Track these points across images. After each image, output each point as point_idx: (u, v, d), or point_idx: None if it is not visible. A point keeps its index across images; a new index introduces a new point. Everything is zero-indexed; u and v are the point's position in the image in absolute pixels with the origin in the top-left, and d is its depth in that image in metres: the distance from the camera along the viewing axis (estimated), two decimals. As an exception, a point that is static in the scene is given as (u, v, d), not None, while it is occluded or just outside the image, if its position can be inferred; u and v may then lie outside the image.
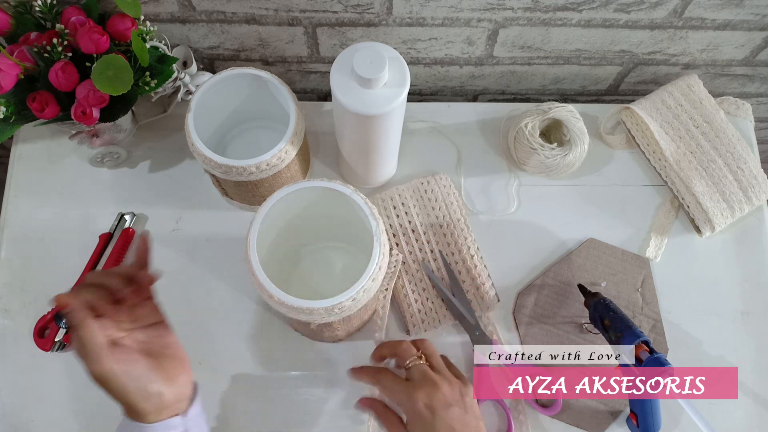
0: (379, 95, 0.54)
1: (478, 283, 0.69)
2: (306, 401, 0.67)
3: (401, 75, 0.55)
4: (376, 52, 0.53)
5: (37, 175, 0.75)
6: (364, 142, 0.62)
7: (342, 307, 0.51)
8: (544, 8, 0.68)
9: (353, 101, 0.54)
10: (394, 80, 0.55)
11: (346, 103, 0.54)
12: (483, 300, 0.69)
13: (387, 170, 0.73)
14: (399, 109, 0.57)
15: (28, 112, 0.59)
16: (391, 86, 0.55)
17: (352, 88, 0.54)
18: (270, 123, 0.74)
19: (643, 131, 0.77)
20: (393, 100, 0.55)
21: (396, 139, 0.65)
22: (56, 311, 0.68)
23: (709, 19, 0.71)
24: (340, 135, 0.65)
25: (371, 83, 0.53)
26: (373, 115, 0.55)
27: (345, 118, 0.58)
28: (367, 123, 0.57)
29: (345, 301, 0.51)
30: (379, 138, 0.61)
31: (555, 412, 0.66)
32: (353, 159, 0.68)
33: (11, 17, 0.61)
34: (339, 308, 0.51)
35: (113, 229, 0.72)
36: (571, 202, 0.76)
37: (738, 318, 0.72)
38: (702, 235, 0.74)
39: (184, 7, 0.68)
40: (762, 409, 0.68)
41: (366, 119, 0.56)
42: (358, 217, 0.56)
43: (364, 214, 0.54)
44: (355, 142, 0.64)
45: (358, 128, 0.59)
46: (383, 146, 0.64)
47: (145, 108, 0.73)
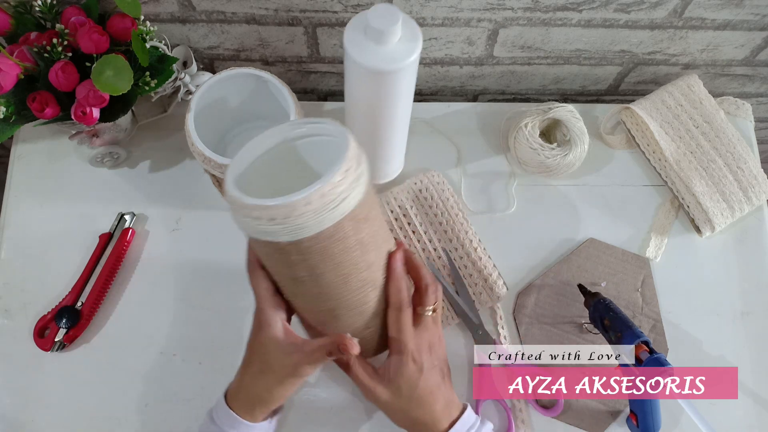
0: (393, 51, 0.54)
1: (485, 275, 0.70)
2: (306, 401, 0.67)
3: (413, 33, 0.55)
4: (389, 8, 0.53)
5: (37, 175, 0.75)
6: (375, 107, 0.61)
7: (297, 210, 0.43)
8: (544, 8, 0.68)
9: (366, 56, 0.54)
10: (407, 37, 0.54)
11: (359, 58, 0.54)
12: (492, 291, 0.69)
13: (394, 164, 0.72)
14: (411, 68, 0.56)
15: (28, 112, 0.59)
16: (404, 42, 0.54)
17: (366, 44, 0.54)
18: (270, 123, 0.73)
19: (643, 131, 0.77)
20: (406, 56, 0.54)
21: (405, 114, 0.64)
22: (57, 311, 0.68)
23: (709, 19, 0.71)
24: (350, 103, 0.63)
25: (385, 37, 0.53)
26: (387, 71, 0.54)
27: (357, 77, 0.57)
28: (379, 81, 0.56)
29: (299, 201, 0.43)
30: (389, 101, 0.60)
31: (556, 413, 0.66)
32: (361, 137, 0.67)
33: (11, 17, 0.61)
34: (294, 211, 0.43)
35: (113, 229, 0.72)
36: (571, 202, 0.76)
37: (738, 318, 0.72)
38: (702, 235, 0.74)
39: (184, 7, 0.68)
40: (762, 409, 0.68)
41: (379, 76, 0.55)
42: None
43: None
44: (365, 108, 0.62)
45: (369, 88, 0.58)
46: (393, 114, 0.62)
47: (145, 108, 0.73)
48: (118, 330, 0.69)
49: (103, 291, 0.69)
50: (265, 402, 0.52)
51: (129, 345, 0.69)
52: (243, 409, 0.52)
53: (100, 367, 0.68)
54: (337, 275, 0.48)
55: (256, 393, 0.52)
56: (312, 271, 0.47)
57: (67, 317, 0.67)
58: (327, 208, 0.44)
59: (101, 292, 0.69)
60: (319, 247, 0.46)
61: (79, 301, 0.68)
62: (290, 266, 0.48)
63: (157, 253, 0.72)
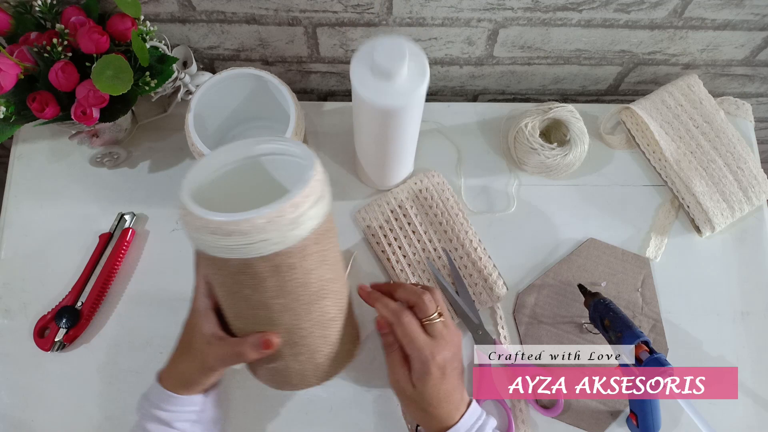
0: (399, 88, 0.54)
1: (485, 275, 0.70)
2: (307, 401, 0.67)
3: (421, 68, 0.55)
4: (396, 45, 0.53)
5: (37, 175, 0.75)
6: (381, 138, 0.62)
7: (250, 227, 0.43)
8: (544, 8, 0.68)
9: (373, 93, 0.54)
10: (414, 73, 0.54)
11: (366, 95, 0.54)
12: (492, 291, 0.69)
13: (403, 172, 0.73)
14: (418, 103, 0.56)
15: (28, 112, 0.59)
16: (411, 79, 0.54)
17: (372, 80, 0.54)
18: (270, 123, 0.74)
19: (643, 131, 0.77)
20: (412, 92, 0.54)
21: (413, 137, 0.65)
22: (57, 311, 0.68)
23: (709, 19, 0.71)
24: (358, 131, 0.64)
25: (391, 75, 0.53)
26: (392, 108, 0.55)
27: (364, 112, 0.58)
28: (385, 116, 0.56)
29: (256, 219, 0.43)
30: (396, 134, 0.60)
31: (556, 413, 0.66)
32: (370, 158, 0.68)
33: (11, 17, 0.61)
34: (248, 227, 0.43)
35: (113, 229, 0.72)
36: (571, 202, 0.76)
37: (738, 318, 0.72)
38: (702, 235, 0.74)
39: (184, 7, 0.68)
40: (762, 409, 0.68)
41: (385, 112, 0.55)
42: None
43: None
44: (372, 138, 0.63)
45: (376, 122, 0.59)
46: (400, 143, 0.63)
47: (145, 108, 0.73)
48: (118, 330, 0.69)
49: (103, 291, 0.69)
50: (190, 382, 0.53)
51: (129, 345, 0.69)
52: (173, 386, 0.53)
53: (100, 367, 0.68)
54: (262, 299, 0.49)
55: (181, 372, 0.54)
56: (236, 288, 0.49)
57: (67, 317, 0.67)
58: (266, 234, 0.44)
59: (101, 292, 0.69)
60: (244, 270, 0.47)
61: (79, 301, 0.68)
62: (224, 279, 0.49)
63: (157, 253, 0.72)
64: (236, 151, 0.54)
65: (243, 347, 0.50)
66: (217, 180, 0.54)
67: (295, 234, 0.46)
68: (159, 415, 0.52)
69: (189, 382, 0.53)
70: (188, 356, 0.53)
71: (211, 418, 0.56)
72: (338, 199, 0.74)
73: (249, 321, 0.51)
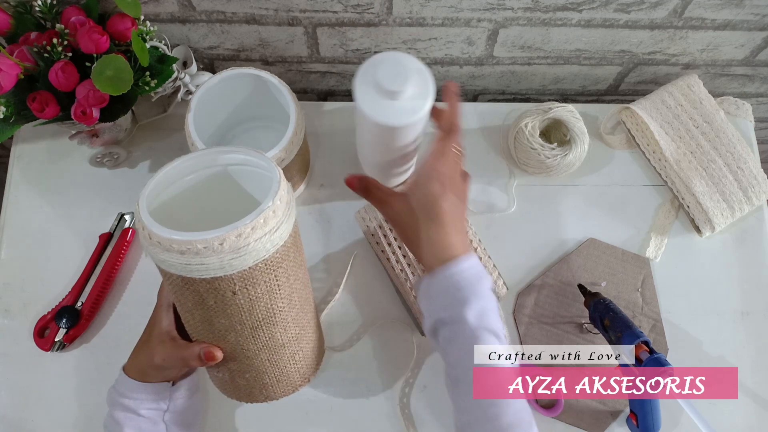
0: (403, 106, 0.54)
1: None
2: (307, 401, 0.67)
3: (425, 86, 0.54)
4: (400, 64, 0.52)
5: (37, 175, 0.75)
6: (385, 152, 0.62)
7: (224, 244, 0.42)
8: (544, 8, 0.68)
9: (376, 111, 0.53)
10: (419, 91, 0.54)
11: (369, 113, 0.53)
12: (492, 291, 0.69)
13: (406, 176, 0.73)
14: (422, 120, 0.56)
15: (28, 112, 0.59)
16: (415, 97, 0.54)
17: (376, 98, 0.53)
18: (270, 123, 0.74)
19: (643, 131, 0.77)
20: (416, 111, 0.54)
21: (416, 149, 0.65)
22: (57, 311, 0.68)
23: (709, 19, 0.71)
24: (361, 143, 0.65)
25: (395, 95, 0.53)
26: (396, 126, 0.55)
27: (367, 127, 0.58)
28: (389, 133, 0.56)
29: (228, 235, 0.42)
30: (400, 148, 0.61)
31: (556, 413, 0.66)
32: (372, 166, 0.68)
33: (11, 17, 0.61)
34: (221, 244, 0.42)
35: (113, 229, 0.72)
36: (571, 202, 0.76)
37: (738, 318, 0.72)
38: (702, 235, 0.74)
39: (184, 7, 0.68)
40: (762, 409, 0.68)
41: (388, 130, 0.55)
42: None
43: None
44: (376, 151, 0.64)
45: (380, 138, 0.59)
46: (404, 156, 0.63)
47: (145, 108, 0.73)
48: (118, 330, 0.69)
49: (103, 291, 0.69)
50: (145, 374, 0.54)
51: (129, 345, 0.68)
52: (135, 374, 0.54)
53: (100, 367, 0.68)
54: (218, 318, 0.48)
55: (139, 362, 0.55)
56: (182, 300, 0.49)
57: (67, 317, 0.67)
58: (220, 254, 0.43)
59: (101, 292, 0.69)
60: (187, 285, 0.46)
61: (79, 301, 0.68)
62: (171, 287, 0.49)
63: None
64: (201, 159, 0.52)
65: (187, 354, 0.51)
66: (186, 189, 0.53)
67: (238, 263, 0.44)
68: (124, 403, 0.53)
69: (144, 374, 0.54)
70: (145, 348, 0.55)
71: (189, 408, 0.56)
72: (338, 200, 0.74)
73: (198, 330, 0.51)
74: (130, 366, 0.55)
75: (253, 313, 0.48)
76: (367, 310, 0.71)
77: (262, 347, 0.51)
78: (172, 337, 0.53)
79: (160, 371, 0.54)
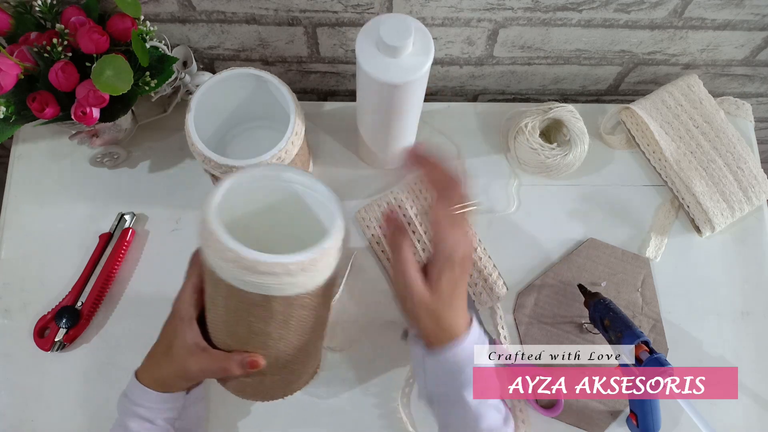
0: (404, 64, 0.54)
1: (485, 275, 0.70)
2: (307, 401, 0.67)
3: (425, 45, 0.55)
4: (401, 22, 0.53)
5: (37, 175, 0.75)
6: (385, 113, 0.62)
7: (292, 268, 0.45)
8: (544, 8, 0.68)
9: (378, 70, 0.54)
10: (419, 50, 0.55)
11: (371, 71, 0.54)
12: (492, 291, 0.69)
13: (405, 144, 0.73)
14: (422, 79, 0.57)
15: (28, 112, 0.59)
16: (416, 55, 0.55)
17: (377, 56, 0.54)
18: (270, 123, 0.74)
19: (643, 131, 0.77)
20: (417, 69, 0.55)
21: (416, 113, 0.65)
22: (57, 311, 0.68)
23: (709, 19, 0.71)
24: (362, 107, 0.65)
25: (397, 51, 0.53)
26: (398, 84, 0.55)
27: (368, 87, 0.58)
28: (390, 92, 0.57)
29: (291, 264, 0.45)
30: (401, 109, 0.61)
31: (556, 413, 0.66)
32: (373, 135, 0.68)
33: (11, 17, 0.61)
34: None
35: (113, 229, 0.72)
36: (571, 202, 0.76)
37: (738, 318, 0.72)
38: (702, 235, 0.74)
39: (184, 7, 0.68)
40: (762, 409, 0.68)
41: (390, 88, 0.56)
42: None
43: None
44: (376, 114, 0.64)
45: (381, 98, 0.59)
46: (404, 118, 0.64)
47: (145, 108, 0.73)
48: (118, 330, 0.69)
49: (103, 291, 0.69)
50: (169, 385, 0.53)
51: (129, 345, 0.69)
52: (152, 384, 0.53)
53: (100, 367, 0.68)
54: (265, 327, 0.49)
55: (159, 374, 0.54)
56: (242, 315, 0.49)
57: (67, 317, 0.67)
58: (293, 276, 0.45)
59: (101, 292, 0.69)
60: (260, 303, 0.47)
61: (79, 301, 0.68)
62: (232, 304, 0.49)
63: (157, 253, 0.72)
64: (267, 172, 0.53)
65: (229, 363, 0.50)
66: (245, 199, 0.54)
67: (318, 279, 0.48)
68: (140, 413, 0.53)
69: (167, 385, 0.53)
70: (167, 360, 0.53)
71: (194, 415, 0.57)
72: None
73: (241, 341, 0.51)
74: (146, 376, 0.54)
75: (308, 321, 0.51)
76: (367, 310, 0.71)
77: (301, 352, 0.53)
78: (203, 348, 0.52)
79: (189, 381, 0.53)
